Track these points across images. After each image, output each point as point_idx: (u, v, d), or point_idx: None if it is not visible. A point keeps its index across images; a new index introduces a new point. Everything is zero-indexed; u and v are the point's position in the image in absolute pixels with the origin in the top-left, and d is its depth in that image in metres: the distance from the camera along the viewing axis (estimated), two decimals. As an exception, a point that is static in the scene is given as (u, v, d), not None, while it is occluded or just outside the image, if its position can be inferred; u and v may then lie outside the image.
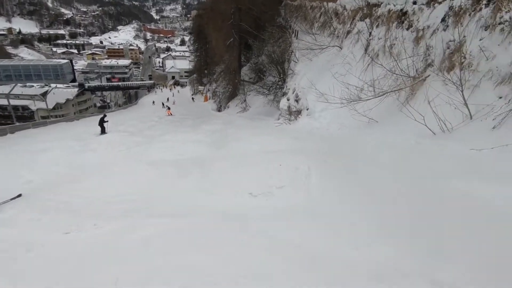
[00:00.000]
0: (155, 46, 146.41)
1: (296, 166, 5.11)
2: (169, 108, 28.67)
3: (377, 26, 8.39)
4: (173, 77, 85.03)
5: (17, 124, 19.18)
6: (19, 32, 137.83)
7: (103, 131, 14.31)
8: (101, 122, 14.42)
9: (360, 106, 6.54)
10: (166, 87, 68.13)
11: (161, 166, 6.90)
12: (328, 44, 10.82)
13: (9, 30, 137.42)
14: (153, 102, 39.98)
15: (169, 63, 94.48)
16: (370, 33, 8.61)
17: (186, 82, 71.39)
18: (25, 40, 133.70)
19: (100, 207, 4.70)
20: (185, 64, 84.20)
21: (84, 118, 23.16)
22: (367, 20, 8.93)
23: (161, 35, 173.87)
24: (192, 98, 43.81)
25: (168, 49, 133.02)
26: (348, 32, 10.20)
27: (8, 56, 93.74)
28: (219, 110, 26.92)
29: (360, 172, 4.49)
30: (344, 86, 7.24)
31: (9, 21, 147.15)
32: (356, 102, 6.69)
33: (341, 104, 6.97)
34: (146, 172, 6.47)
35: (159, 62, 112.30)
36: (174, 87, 66.95)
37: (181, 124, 18.01)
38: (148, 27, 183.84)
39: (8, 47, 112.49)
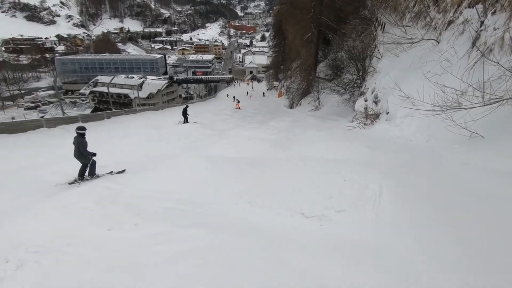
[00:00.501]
0: (237, 42, 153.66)
1: (365, 184, 4.24)
2: (238, 102, 29.49)
3: (493, 13, 6.57)
4: (250, 72, 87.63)
5: (113, 110, 22.15)
6: (128, 31, 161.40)
7: (185, 120, 15.51)
8: (185, 112, 15.70)
9: (459, 116, 5.11)
10: (244, 82, 70.59)
11: (218, 163, 6.77)
12: (421, 37, 9.11)
13: (121, 29, 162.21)
14: (227, 95, 41.78)
15: (248, 58, 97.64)
16: (482, 22, 6.81)
17: (263, 77, 72.70)
18: (132, 38, 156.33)
19: (149, 203, 4.74)
20: (263, 60, 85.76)
21: (168, 108, 25.46)
22: (479, 5, 7.10)
23: (244, 31, 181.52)
24: (263, 93, 44.16)
25: (249, 44, 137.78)
26: (450, 23, 8.37)
27: (118, 51, 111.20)
28: (291, 107, 26.35)
29: (451, 206, 3.35)
30: (438, 88, 5.83)
31: (121, 21, 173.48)
32: (454, 110, 5.28)
33: (433, 112, 5.63)
34: (203, 168, 6.42)
35: (239, 58, 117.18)
36: (251, 82, 68.87)
37: (251, 120, 18.11)
38: (232, 23, 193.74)
39: (119, 44, 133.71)
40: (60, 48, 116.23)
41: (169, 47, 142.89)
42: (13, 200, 4.91)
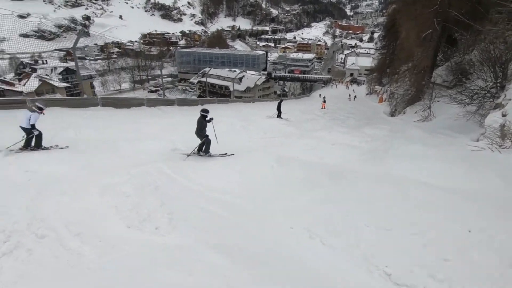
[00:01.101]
0: (341, 42, 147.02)
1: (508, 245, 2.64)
2: (324, 101, 27.66)
3: None
4: (351, 74, 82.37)
5: (208, 98, 23.65)
6: (238, 29, 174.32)
7: (279, 115, 15.24)
8: (279, 107, 15.51)
9: None
10: (342, 83, 66.75)
11: (289, 165, 5.91)
12: None
13: (233, 27, 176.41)
14: (320, 95, 39.99)
15: (350, 60, 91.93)
16: None
17: (364, 81, 67.29)
18: (241, 35, 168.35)
19: (189, 200, 4.32)
20: (367, 62, 79.34)
21: (260, 102, 25.82)
22: None
23: (350, 31, 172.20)
24: (354, 97, 40.11)
25: (353, 45, 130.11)
26: None
27: (227, 46, 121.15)
28: (392, 114, 23.04)
29: None
30: None
31: (234, 20, 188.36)
32: None
33: None
34: (268, 167, 5.71)
35: (341, 58, 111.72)
36: (351, 84, 64.56)
37: (342, 123, 16.43)
38: (340, 23, 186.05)
39: (228, 40, 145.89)
40: (182, 42, 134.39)
41: (272, 44, 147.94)
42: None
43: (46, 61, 53.65)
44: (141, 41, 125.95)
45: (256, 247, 3.24)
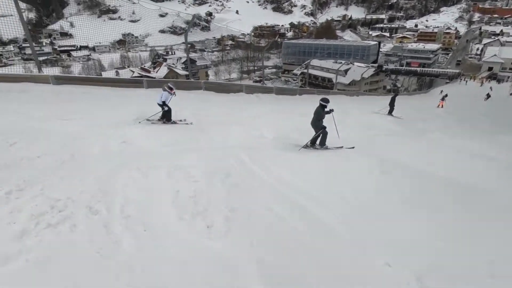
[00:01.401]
0: (480, 29, 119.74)
1: None
2: (443, 99, 22.79)
3: None
4: (489, 69, 66.47)
5: (306, 88, 22.91)
6: (350, 18, 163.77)
7: (390, 111, 13.72)
8: (392, 102, 14.01)
9: None
10: (475, 80, 54.43)
11: (395, 175, 4.93)
12: None
13: (344, 16, 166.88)
14: (441, 91, 33.54)
15: (491, 51, 74.09)
16: None
17: (508, 77, 53.38)
18: (352, 25, 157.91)
19: (256, 197, 3.83)
20: (516, 53, 62.46)
21: (365, 96, 23.55)
22: None
23: (495, 15, 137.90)
24: (487, 95, 31.36)
25: (497, 33, 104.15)
26: None
27: (335, 37, 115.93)
28: (550, 121, 17.31)
29: None
30: None
31: (346, 9, 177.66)
32: None
33: None
34: (367, 177, 4.85)
35: (476, 49, 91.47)
36: (487, 81, 52.02)
37: (471, 125, 13.26)
38: (481, 6, 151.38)
39: (338, 31, 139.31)
40: (289, 34, 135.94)
41: (387, 34, 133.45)
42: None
43: (174, 52, 63.22)
44: (252, 33, 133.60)
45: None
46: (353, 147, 6.67)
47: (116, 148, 5.41)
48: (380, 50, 78.65)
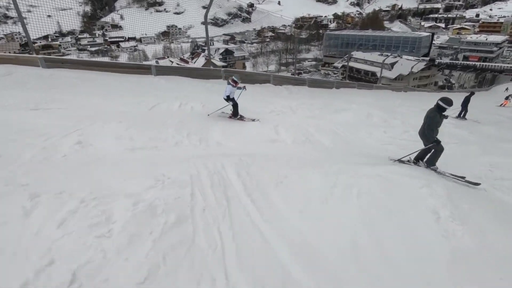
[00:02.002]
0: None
1: None
2: (507, 98, 19.49)
3: None
4: None
5: (346, 81, 21.02)
6: (400, 8, 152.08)
7: (463, 113, 11.95)
8: (466, 102, 11.96)
9: None
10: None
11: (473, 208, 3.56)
12: None
13: (393, 6, 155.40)
14: (506, 89, 29.22)
15: None
16: None
17: None
18: (402, 15, 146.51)
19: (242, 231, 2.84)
20: None
21: (414, 92, 21.10)
22: None
23: None
24: None
25: None
26: None
27: (383, 29, 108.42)
28: None
29: None
30: None
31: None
32: None
33: None
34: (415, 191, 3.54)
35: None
36: None
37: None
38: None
39: (386, 22, 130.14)
40: (332, 25, 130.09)
41: (442, 25, 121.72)
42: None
43: (213, 43, 63.64)
44: (293, 25, 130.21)
45: None
46: (478, 184, 4.55)
47: (67, 151, 4.39)
48: (433, 42, 71.68)
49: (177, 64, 41.48)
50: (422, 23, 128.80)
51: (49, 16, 71.35)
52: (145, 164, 4.13)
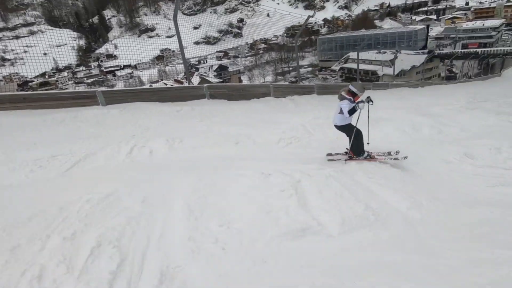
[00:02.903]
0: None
1: None
2: None
3: None
4: None
5: (359, 83, 19.46)
6: (388, 6, 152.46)
7: None
8: None
9: None
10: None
11: None
12: None
13: (381, 5, 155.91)
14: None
15: None
16: None
17: None
18: (391, 13, 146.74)
19: None
20: None
21: (431, 86, 19.36)
22: None
23: None
24: None
25: None
26: None
27: (374, 27, 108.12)
28: None
29: None
30: None
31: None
32: None
33: None
34: None
35: (550, 19, 77.95)
36: None
37: None
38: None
39: (376, 21, 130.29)
40: (324, 30, 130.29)
41: (434, 17, 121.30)
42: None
43: (206, 60, 63.08)
44: (285, 34, 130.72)
45: None
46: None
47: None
48: (429, 34, 70.56)
49: (171, 85, 40.49)
50: (413, 17, 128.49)
51: (45, 54, 71.82)
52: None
